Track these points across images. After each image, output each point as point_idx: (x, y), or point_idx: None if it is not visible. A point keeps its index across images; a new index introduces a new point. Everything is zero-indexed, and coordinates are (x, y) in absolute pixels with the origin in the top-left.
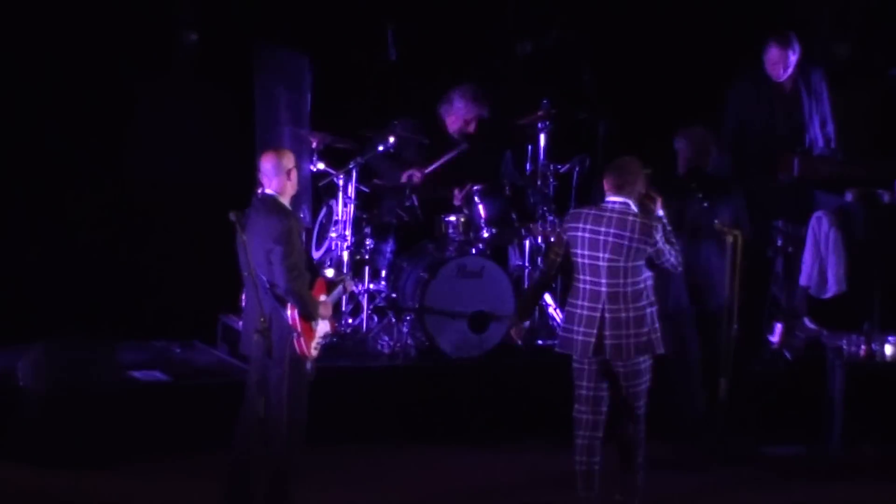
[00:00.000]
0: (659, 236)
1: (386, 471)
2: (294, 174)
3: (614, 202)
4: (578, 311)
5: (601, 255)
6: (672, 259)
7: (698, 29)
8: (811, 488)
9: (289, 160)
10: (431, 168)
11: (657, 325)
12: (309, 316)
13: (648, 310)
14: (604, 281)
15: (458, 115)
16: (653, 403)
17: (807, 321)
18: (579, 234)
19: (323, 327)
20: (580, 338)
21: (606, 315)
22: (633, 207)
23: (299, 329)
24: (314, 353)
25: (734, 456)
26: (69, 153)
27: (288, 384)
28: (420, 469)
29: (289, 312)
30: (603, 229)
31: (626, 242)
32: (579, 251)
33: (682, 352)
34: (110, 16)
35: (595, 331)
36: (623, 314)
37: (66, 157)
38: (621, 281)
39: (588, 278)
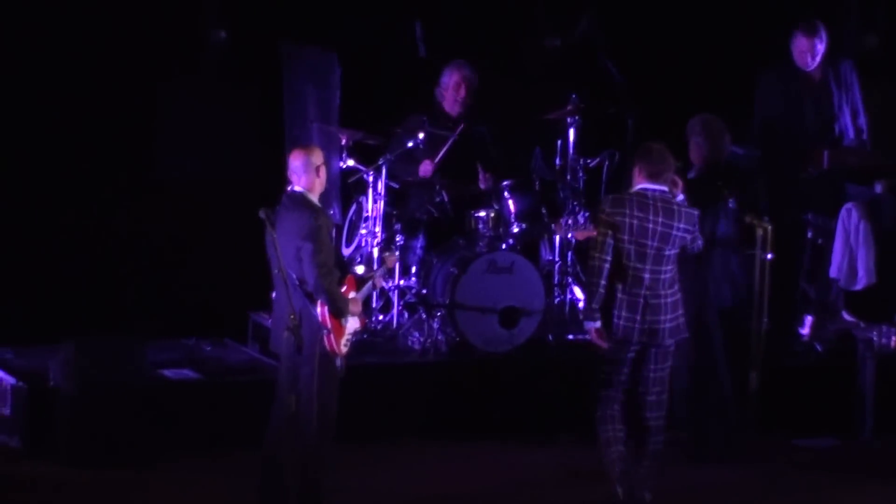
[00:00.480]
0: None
1: (417, 466)
2: (323, 171)
3: (654, 189)
4: (619, 294)
5: (649, 242)
6: (699, 243)
7: (726, 21)
8: (844, 480)
9: (318, 157)
10: (440, 157)
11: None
12: (339, 312)
13: (679, 294)
14: (648, 267)
15: (446, 89)
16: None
17: (845, 314)
18: (627, 220)
19: (353, 324)
20: (623, 322)
21: (649, 301)
22: (670, 195)
23: (329, 326)
24: (344, 349)
25: (766, 448)
26: (101, 152)
27: (318, 381)
28: (451, 464)
29: (318, 309)
30: (651, 217)
31: (673, 231)
32: (626, 237)
33: (708, 341)
34: (140, 15)
35: (638, 315)
36: (662, 300)
37: (97, 156)
38: (664, 268)
39: (632, 264)
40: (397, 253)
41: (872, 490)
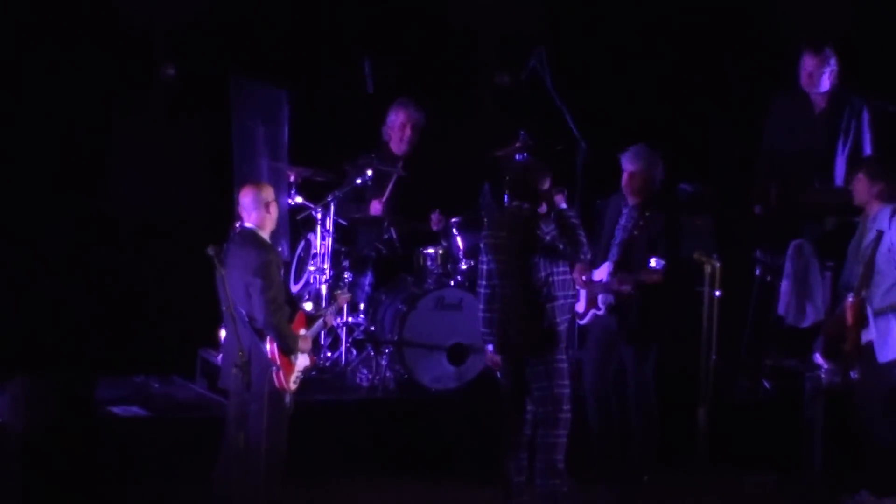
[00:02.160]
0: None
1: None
2: (273, 207)
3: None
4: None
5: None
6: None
7: (675, 55)
8: None
9: (268, 193)
10: (386, 195)
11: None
12: (288, 350)
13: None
14: None
15: (392, 129)
16: None
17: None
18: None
19: (302, 361)
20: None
21: None
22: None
23: (278, 363)
24: (293, 386)
25: (713, 484)
26: (49, 187)
27: (267, 418)
28: (400, 501)
29: (268, 346)
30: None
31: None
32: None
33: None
34: (91, 52)
35: None
36: None
37: (45, 192)
38: None
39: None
40: (347, 291)
41: None
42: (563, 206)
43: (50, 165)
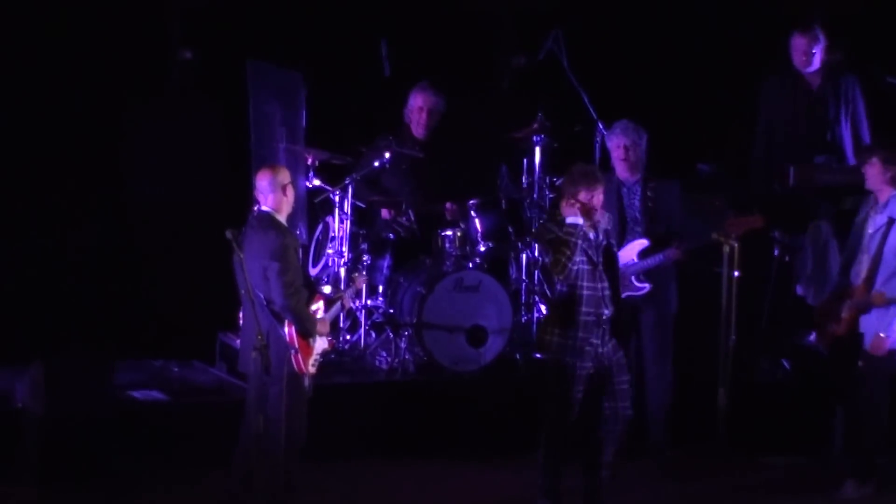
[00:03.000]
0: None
1: (386, 486)
2: (290, 190)
3: None
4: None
5: None
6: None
7: (691, 40)
8: (811, 497)
9: (284, 177)
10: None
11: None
12: (306, 332)
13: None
14: None
15: (411, 112)
16: None
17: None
18: None
19: (320, 344)
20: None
21: None
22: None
23: (296, 346)
24: (312, 369)
25: (734, 464)
26: (68, 172)
27: (286, 401)
28: (420, 484)
29: (286, 329)
30: None
31: None
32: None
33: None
34: (107, 36)
35: None
36: None
37: (65, 177)
38: None
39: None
40: (365, 273)
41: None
42: (569, 220)
43: (69, 151)
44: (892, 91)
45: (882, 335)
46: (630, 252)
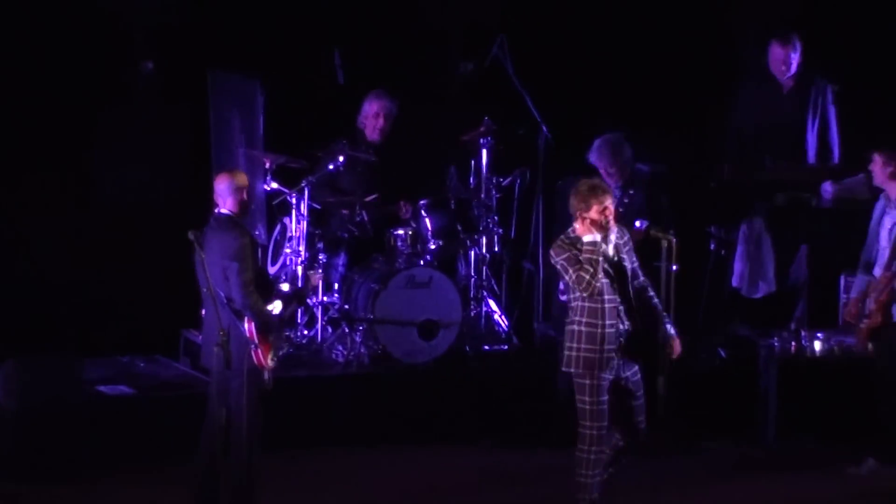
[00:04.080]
0: (555, 261)
1: (343, 473)
2: (247, 193)
3: None
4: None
5: None
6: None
7: (629, 45)
8: (748, 480)
9: (242, 180)
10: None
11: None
12: (265, 328)
13: (573, 328)
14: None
15: (366, 118)
16: None
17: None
18: None
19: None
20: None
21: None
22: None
23: (256, 341)
24: (271, 364)
25: (673, 449)
26: (38, 178)
27: (247, 393)
28: (376, 470)
29: (246, 326)
30: None
31: None
32: None
33: None
34: (78, 49)
35: None
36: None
37: (35, 182)
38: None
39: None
40: (321, 271)
41: (774, 487)
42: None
43: (41, 156)
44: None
45: None
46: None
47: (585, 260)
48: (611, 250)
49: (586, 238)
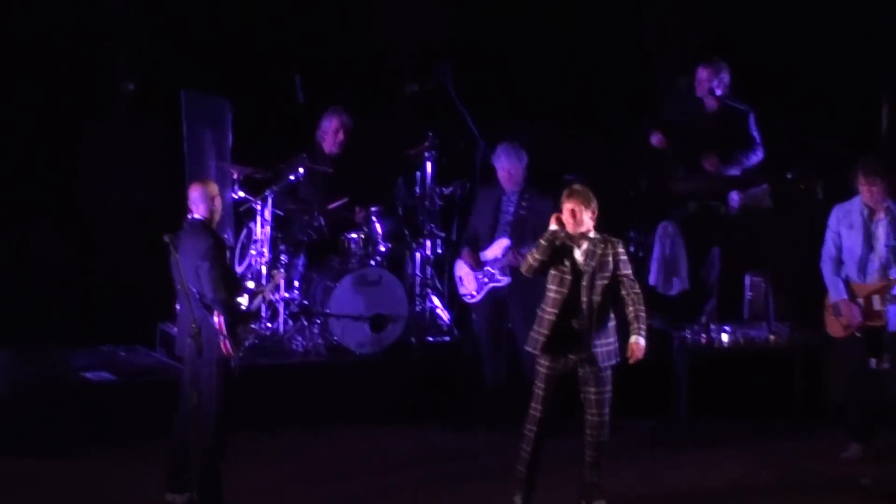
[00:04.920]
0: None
1: (301, 451)
2: (218, 201)
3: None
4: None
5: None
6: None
7: (556, 69)
8: (666, 453)
9: (213, 189)
10: (335, 205)
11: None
12: (233, 322)
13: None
14: None
15: (326, 133)
16: None
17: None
18: None
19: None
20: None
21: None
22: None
23: (225, 333)
24: (239, 352)
25: None
26: (30, 187)
27: (216, 380)
28: (330, 448)
29: (216, 319)
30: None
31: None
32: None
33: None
34: (64, 70)
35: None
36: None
37: (26, 191)
38: None
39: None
40: (283, 270)
41: (687, 461)
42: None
43: (32, 167)
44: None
45: None
46: (496, 249)
47: (538, 243)
48: (578, 255)
49: (550, 227)
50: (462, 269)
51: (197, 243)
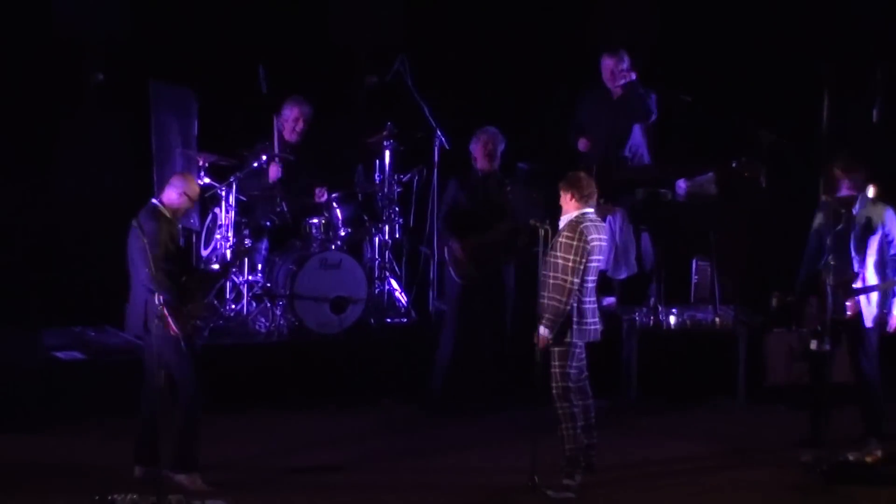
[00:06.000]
0: None
1: (265, 427)
2: (187, 201)
3: (591, 212)
4: (589, 306)
5: (601, 257)
6: None
7: (510, 62)
8: (614, 432)
9: (191, 189)
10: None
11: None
12: (169, 301)
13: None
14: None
15: (286, 121)
16: None
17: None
18: (597, 243)
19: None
20: (595, 327)
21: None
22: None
23: (166, 311)
24: (187, 330)
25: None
26: (5, 174)
27: (175, 358)
28: (292, 424)
29: (156, 298)
30: (604, 236)
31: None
32: (595, 257)
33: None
34: (37, 63)
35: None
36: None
37: (2, 178)
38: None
39: (592, 278)
40: (248, 240)
41: (637, 437)
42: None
43: (7, 155)
44: (681, 105)
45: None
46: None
47: (553, 318)
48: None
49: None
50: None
51: (144, 225)
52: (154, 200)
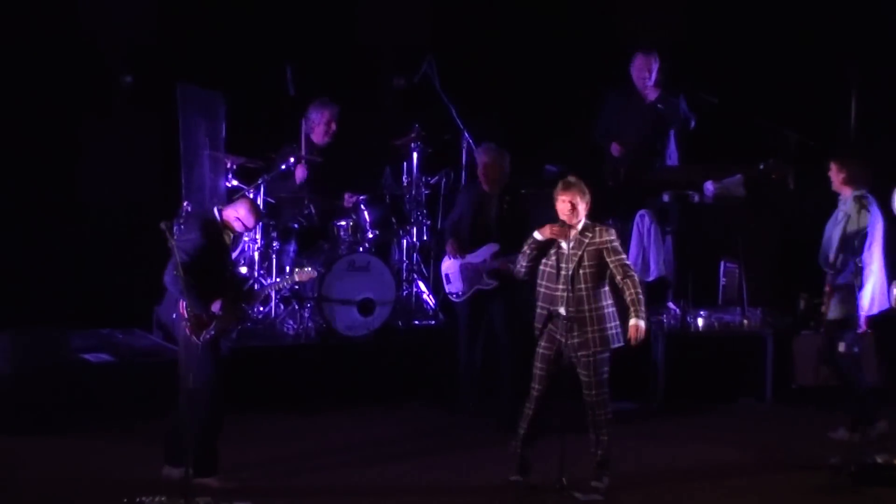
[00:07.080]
0: None
1: (293, 429)
2: (240, 225)
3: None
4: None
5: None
6: None
7: (538, 64)
8: (642, 434)
9: (249, 215)
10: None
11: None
12: (189, 307)
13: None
14: None
15: (317, 124)
16: None
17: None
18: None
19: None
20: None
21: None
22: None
23: (185, 317)
24: (206, 337)
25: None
26: (34, 177)
27: (197, 360)
28: (320, 426)
29: (181, 304)
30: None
31: None
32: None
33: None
34: (65, 66)
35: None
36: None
37: (31, 181)
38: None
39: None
40: (308, 269)
41: (665, 440)
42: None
43: (36, 158)
44: (708, 107)
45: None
46: (484, 253)
47: (522, 251)
48: (564, 246)
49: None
50: (450, 268)
51: (185, 233)
52: (216, 209)
